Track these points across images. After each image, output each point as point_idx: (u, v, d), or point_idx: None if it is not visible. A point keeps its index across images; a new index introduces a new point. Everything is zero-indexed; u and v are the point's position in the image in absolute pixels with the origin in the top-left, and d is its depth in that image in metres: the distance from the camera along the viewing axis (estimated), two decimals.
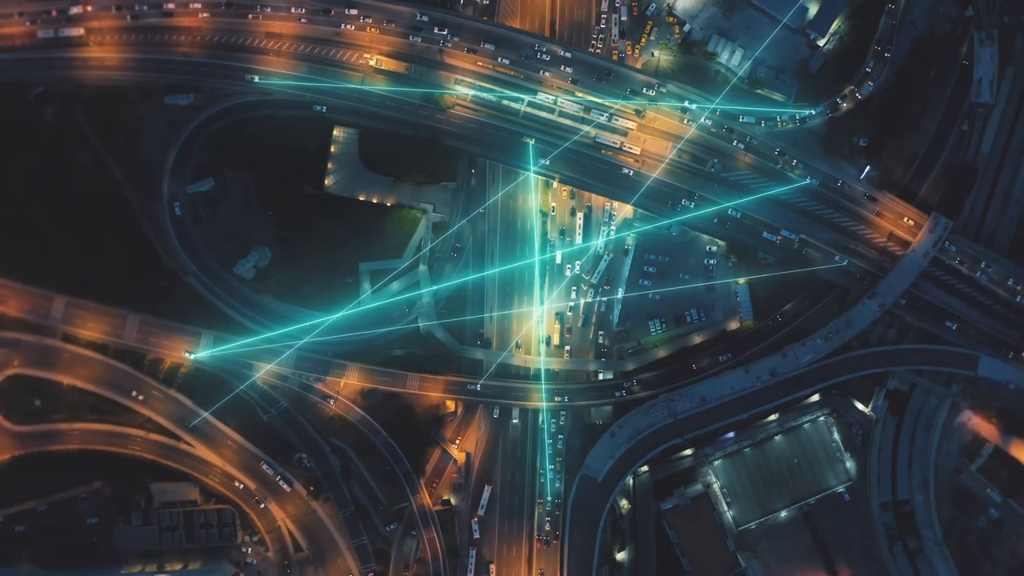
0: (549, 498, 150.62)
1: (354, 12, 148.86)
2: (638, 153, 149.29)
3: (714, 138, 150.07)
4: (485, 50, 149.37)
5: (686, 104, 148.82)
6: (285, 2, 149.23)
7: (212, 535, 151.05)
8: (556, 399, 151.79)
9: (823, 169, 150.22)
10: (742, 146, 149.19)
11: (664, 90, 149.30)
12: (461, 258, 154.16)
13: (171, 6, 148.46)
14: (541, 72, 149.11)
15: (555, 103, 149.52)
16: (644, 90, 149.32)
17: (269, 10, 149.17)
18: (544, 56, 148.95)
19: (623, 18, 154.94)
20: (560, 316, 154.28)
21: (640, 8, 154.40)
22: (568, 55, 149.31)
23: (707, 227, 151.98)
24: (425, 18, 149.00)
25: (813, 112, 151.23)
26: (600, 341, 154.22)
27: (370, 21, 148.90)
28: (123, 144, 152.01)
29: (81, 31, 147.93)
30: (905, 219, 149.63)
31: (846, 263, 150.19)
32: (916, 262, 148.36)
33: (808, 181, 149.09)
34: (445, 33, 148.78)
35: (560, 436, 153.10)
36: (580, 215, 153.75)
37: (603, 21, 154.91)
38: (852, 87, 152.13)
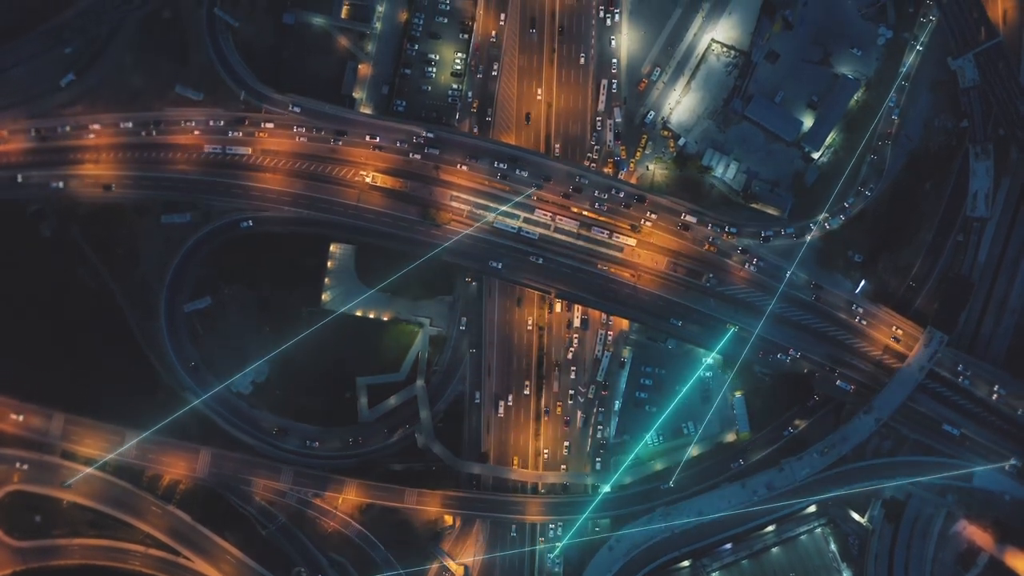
0: None
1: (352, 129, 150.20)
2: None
3: (709, 253, 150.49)
4: (480, 166, 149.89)
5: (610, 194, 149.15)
6: (284, 120, 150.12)
7: None
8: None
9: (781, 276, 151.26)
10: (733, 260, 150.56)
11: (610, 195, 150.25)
12: (458, 372, 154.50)
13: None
14: (532, 187, 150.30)
15: (552, 219, 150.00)
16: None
17: (272, 125, 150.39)
18: (522, 171, 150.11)
19: (617, 119, 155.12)
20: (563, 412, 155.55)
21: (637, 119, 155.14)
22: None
23: (703, 341, 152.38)
24: (422, 138, 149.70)
25: (783, 232, 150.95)
26: (597, 454, 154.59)
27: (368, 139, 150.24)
28: (120, 261, 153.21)
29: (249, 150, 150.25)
30: (900, 332, 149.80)
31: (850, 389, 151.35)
32: (912, 376, 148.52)
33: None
34: (437, 153, 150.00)
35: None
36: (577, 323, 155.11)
37: (598, 125, 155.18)
38: (827, 215, 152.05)
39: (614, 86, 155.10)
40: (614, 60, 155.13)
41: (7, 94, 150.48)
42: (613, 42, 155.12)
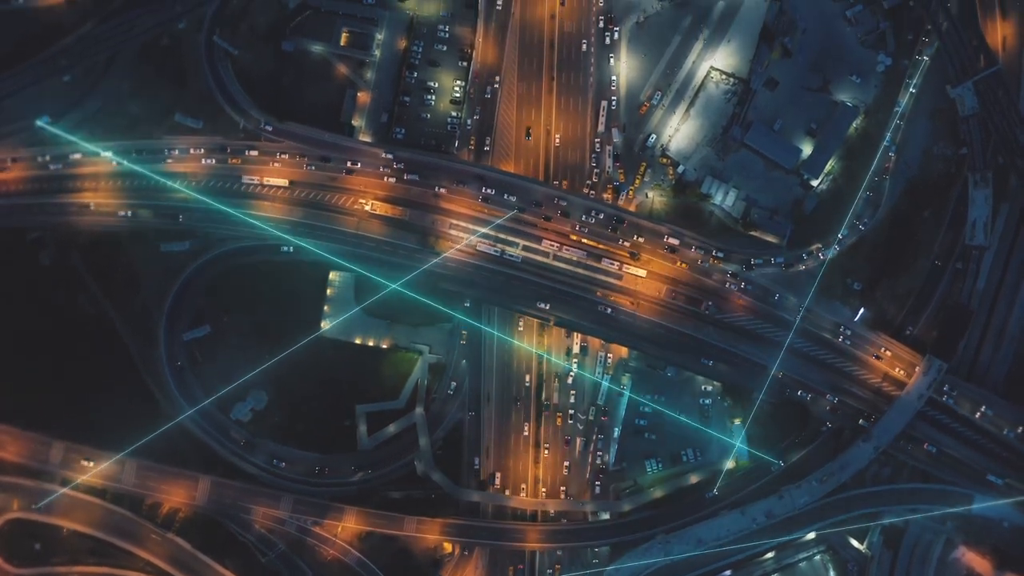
0: None
1: (348, 157, 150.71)
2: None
3: (708, 280, 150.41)
4: (479, 194, 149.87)
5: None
6: (278, 148, 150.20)
7: None
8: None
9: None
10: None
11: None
12: (457, 399, 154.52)
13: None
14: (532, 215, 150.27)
15: (560, 249, 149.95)
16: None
17: (256, 153, 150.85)
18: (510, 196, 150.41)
19: (616, 139, 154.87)
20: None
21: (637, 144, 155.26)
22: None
23: (702, 369, 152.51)
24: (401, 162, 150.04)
25: (773, 261, 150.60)
26: (597, 481, 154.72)
27: (359, 166, 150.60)
28: (120, 289, 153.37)
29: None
30: (898, 364, 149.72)
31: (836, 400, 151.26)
32: (911, 404, 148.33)
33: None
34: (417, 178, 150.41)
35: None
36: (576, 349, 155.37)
37: (597, 146, 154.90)
38: (819, 245, 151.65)
39: (613, 104, 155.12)
40: (613, 77, 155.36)
41: (5, 122, 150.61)
42: (612, 68, 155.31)
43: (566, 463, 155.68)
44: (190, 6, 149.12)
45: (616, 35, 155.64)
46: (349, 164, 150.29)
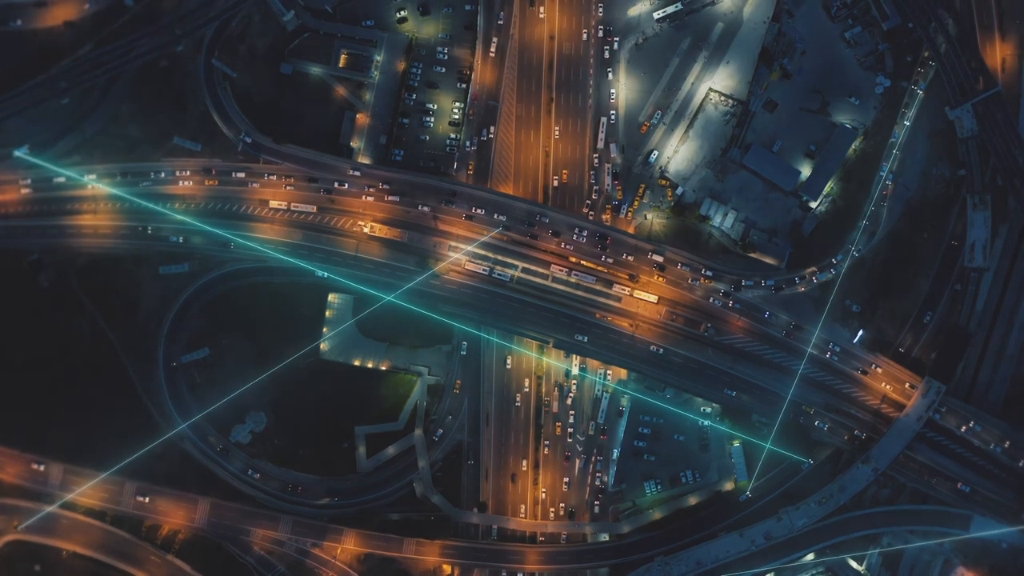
0: None
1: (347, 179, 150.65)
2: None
3: (706, 302, 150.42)
4: (478, 216, 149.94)
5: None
6: (277, 170, 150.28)
7: None
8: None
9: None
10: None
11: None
12: (456, 420, 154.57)
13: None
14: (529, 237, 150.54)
15: (568, 274, 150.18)
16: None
17: (243, 175, 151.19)
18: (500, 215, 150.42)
19: (614, 155, 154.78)
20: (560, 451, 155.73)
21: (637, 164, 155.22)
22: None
23: (701, 391, 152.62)
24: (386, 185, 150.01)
25: (764, 283, 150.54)
26: (596, 502, 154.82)
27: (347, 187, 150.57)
28: (119, 311, 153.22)
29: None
30: (893, 384, 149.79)
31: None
32: (910, 426, 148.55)
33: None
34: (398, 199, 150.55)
35: None
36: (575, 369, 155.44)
37: (595, 161, 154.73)
38: (814, 268, 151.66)
39: (612, 119, 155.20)
40: (612, 91, 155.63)
41: (4, 144, 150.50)
42: (611, 83, 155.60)
43: (565, 479, 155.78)
44: (189, 29, 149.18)
45: (616, 46, 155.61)
46: (336, 184, 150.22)
